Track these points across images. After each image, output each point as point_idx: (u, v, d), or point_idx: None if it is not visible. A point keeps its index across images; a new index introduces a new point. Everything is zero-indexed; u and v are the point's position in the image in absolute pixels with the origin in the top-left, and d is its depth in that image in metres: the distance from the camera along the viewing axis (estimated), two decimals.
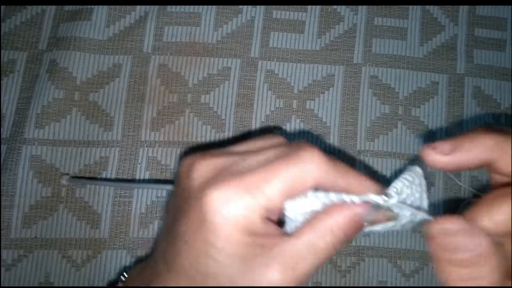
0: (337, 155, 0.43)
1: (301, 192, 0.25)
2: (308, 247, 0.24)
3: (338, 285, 0.42)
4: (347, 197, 0.25)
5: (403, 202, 0.25)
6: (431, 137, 0.45)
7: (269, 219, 0.25)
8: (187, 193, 0.26)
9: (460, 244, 0.22)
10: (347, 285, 0.42)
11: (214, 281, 0.24)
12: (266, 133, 0.43)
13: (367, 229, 0.26)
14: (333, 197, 0.25)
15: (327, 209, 0.25)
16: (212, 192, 0.24)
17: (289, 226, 0.26)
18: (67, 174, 0.41)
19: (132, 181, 0.42)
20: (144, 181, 0.42)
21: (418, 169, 0.25)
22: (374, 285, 0.42)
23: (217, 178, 0.25)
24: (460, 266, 0.22)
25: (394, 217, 0.25)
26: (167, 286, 0.26)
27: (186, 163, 0.27)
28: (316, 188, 0.25)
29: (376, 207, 0.25)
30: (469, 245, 0.22)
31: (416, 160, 0.25)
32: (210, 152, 0.27)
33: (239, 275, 0.24)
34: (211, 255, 0.24)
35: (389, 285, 0.42)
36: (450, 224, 0.22)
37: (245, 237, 0.24)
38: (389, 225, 0.25)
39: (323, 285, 0.42)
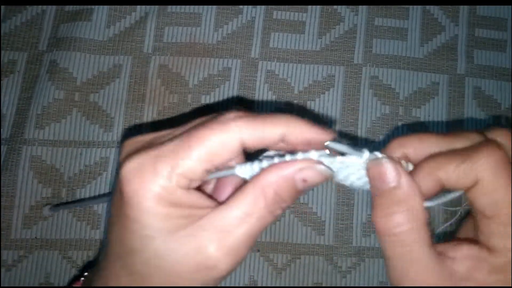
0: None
1: (226, 156, 0.23)
2: (240, 215, 0.23)
3: (338, 285, 0.42)
4: (288, 157, 0.23)
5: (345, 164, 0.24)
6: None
7: (196, 190, 0.24)
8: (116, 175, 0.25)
9: (385, 175, 0.23)
10: (348, 285, 0.42)
11: (140, 258, 0.23)
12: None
13: (340, 180, 0.25)
14: (265, 163, 0.24)
15: (260, 171, 0.24)
16: (126, 164, 0.23)
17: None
18: (49, 204, 0.40)
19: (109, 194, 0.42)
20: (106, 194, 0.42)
21: (366, 151, 0.24)
22: (375, 285, 0.42)
23: (134, 151, 0.24)
24: (382, 197, 0.23)
25: (331, 175, 0.24)
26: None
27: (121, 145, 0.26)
28: (249, 152, 0.24)
29: (316, 162, 0.23)
30: (390, 178, 0.23)
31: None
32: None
33: (165, 249, 0.22)
34: (132, 229, 0.23)
35: (389, 285, 0.42)
36: (384, 159, 0.23)
37: (166, 209, 0.22)
38: (354, 179, 0.24)
39: (324, 285, 0.42)
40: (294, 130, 0.23)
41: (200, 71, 0.44)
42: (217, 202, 0.24)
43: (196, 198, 0.23)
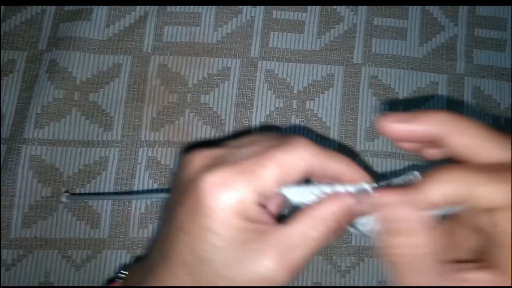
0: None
1: (294, 177, 0.25)
2: (301, 236, 0.24)
3: (338, 285, 0.42)
4: (340, 188, 0.25)
5: None
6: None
7: (264, 207, 0.26)
8: (183, 183, 0.26)
9: (395, 215, 0.23)
10: (347, 285, 0.42)
11: (210, 267, 0.24)
12: (264, 131, 0.43)
13: (357, 227, 0.26)
14: (327, 189, 0.25)
15: (321, 199, 0.25)
16: (207, 177, 0.24)
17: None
18: (67, 191, 0.41)
19: (130, 193, 0.42)
20: (142, 191, 0.42)
21: (417, 174, 0.24)
22: (374, 285, 0.42)
23: (212, 165, 0.25)
24: (395, 235, 0.23)
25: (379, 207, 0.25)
26: (160, 285, 0.26)
27: (184, 158, 0.27)
28: (309, 178, 0.26)
29: (366, 197, 0.25)
30: (403, 216, 0.22)
31: (419, 166, 0.25)
32: (205, 147, 0.28)
33: (234, 260, 0.24)
34: (207, 239, 0.24)
35: (388, 285, 0.42)
36: (388, 197, 0.23)
37: (241, 222, 0.24)
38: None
39: (323, 285, 0.42)
40: (350, 171, 0.26)
41: (199, 70, 0.44)
42: (273, 217, 0.26)
43: (262, 213, 0.25)
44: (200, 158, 0.27)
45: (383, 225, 0.23)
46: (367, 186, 0.25)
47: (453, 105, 0.45)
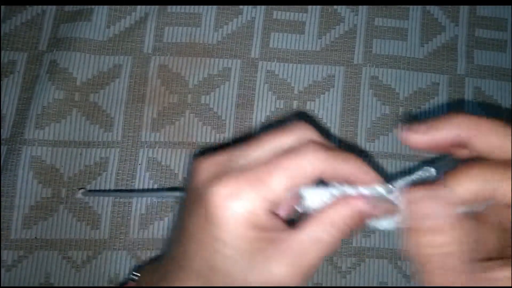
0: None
1: (304, 183, 0.25)
2: (313, 240, 0.25)
3: (338, 285, 0.42)
4: (351, 190, 0.25)
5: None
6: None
7: (274, 214, 0.26)
8: (193, 194, 0.26)
9: (425, 211, 0.22)
10: (348, 285, 0.42)
11: (223, 276, 0.25)
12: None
13: (372, 224, 0.26)
14: (335, 191, 0.25)
15: (333, 202, 0.25)
16: (216, 188, 0.24)
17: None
18: (83, 188, 0.41)
19: (145, 190, 0.42)
20: (157, 189, 0.42)
21: (432, 170, 0.25)
22: (375, 285, 0.42)
23: (220, 175, 0.25)
24: (425, 233, 0.22)
25: (396, 210, 0.25)
26: (176, 286, 0.26)
27: (192, 166, 0.28)
28: (321, 181, 0.26)
29: (380, 199, 0.25)
30: (433, 213, 0.22)
31: (433, 161, 0.25)
32: (213, 153, 0.28)
33: (247, 269, 0.24)
34: (218, 250, 0.24)
35: (389, 285, 0.42)
36: (417, 193, 0.23)
37: (251, 232, 0.24)
38: (393, 221, 0.25)
39: (324, 285, 0.42)
40: (361, 173, 0.25)
41: (200, 71, 0.44)
42: (283, 222, 0.26)
43: (274, 221, 0.25)
44: (207, 166, 0.27)
45: (411, 222, 0.23)
46: (381, 188, 0.25)
47: (453, 106, 0.45)
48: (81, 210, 0.41)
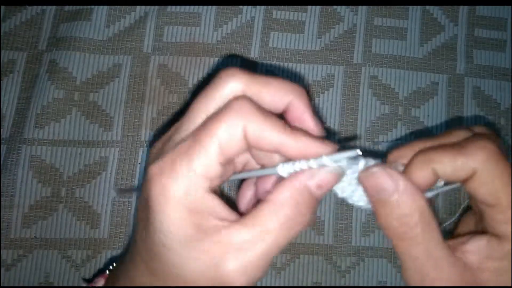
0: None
1: (237, 148, 0.23)
2: (257, 233, 0.22)
3: (337, 285, 0.42)
4: (304, 164, 0.23)
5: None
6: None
7: (215, 194, 0.23)
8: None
9: (381, 184, 0.23)
10: (347, 285, 0.42)
11: (161, 264, 0.23)
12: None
13: (348, 200, 0.25)
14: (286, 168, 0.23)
15: (275, 186, 0.23)
16: (149, 168, 0.23)
17: None
18: (116, 187, 0.41)
19: None
20: None
21: (358, 151, 0.23)
22: (374, 285, 0.42)
23: (158, 155, 0.24)
24: (383, 205, 0.23)
25: (342, 173, 0.23)
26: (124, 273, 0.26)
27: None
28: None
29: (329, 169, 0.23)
30: (389, 186, 0.23)
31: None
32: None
33: (181, 259, 0.22)
34: (153, 236, 0.23)
35: (388, 285, 0.42)
36: (374, 167, 0.23)
37: (188, 217, 0.22)
38: (348, 189, 0.25)
39: (323, 285, 0.42)
40: (294, 144, 0.23)
41: (199, 70, 0.44)
42: (236, 214, 0.24)
43: (215, 205, 0.23)
44: (154, 147, 0.25)
45: (369, 196, 0.24)
46: (327, 160, 0.23)
47: (453, 105, 0.45)
48: (81, 209, 0.41)
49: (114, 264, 0.35)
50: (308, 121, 0.24)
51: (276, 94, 0.24)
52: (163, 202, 0.22)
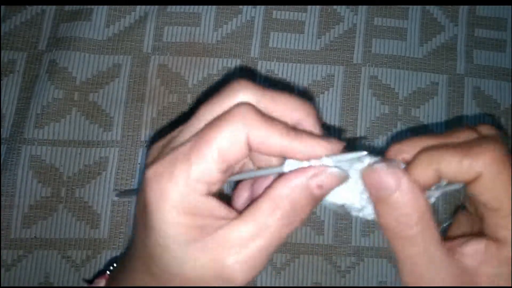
0: None
1: (238, 155, 0.22)
2: (255, 229, 0.22)
3: (337, 285, 0.42)
4: (300, 163, 0.23)
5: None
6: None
7: (213, 197, 0.23)
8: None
9: (383, 182, 0.23)
10: (347, 285, 0.42)
11: (160, 264, 0.23)
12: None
13: (328, 202, 0.24)
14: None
15: (273, 183, 0.23)
16: (147, 171, 0.23)
17: None
18: (116, 189, 0.41)
19: None
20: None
21: (365, 153, 0.23)
22: (374, 285, 0.42)
23: (156, 158, 0.24)
24: (384, 203, 0.23)
25: (345, 176, 0.23)
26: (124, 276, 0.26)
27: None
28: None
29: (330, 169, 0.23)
30: (390, 185, 0.23)
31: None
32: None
33: (181, 258, 0.22)
34: (152, 237, 0.23)
35: (388, 285, 0.42)
36: (376, 164, 0.23)
37: (185, 218, 0.22)
38: (348, 194, 0.24)
39: (323, 285, 0.42)
40: (300, 146, 0.23)
41: (199, 70, 0.44)
42: (235, 212, 0.24)
43: (214, 206, 0.23)
44: (152, 149, 0.25)
45: (370, 195, 0.23)
46: (327, 160, 0.23)
47: (453, 105, 0.45)
48: (81, 209, 0.41)
49: (115, 265, 0.35)
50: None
51: (285, 111, 0.24)
52: (161, 206, 0.22)
